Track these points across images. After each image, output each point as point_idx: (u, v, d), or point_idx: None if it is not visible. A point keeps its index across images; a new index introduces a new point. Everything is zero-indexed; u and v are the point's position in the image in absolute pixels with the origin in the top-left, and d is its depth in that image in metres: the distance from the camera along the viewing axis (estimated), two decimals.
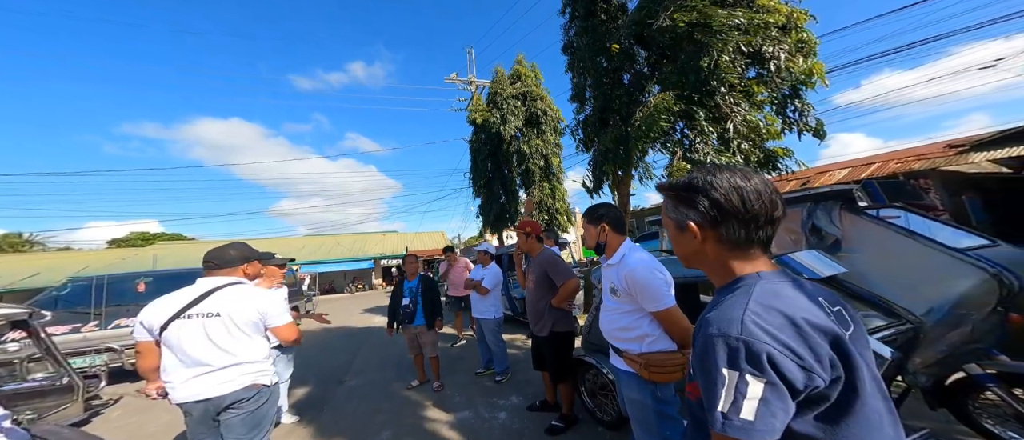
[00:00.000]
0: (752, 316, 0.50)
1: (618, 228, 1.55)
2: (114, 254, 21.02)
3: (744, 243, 0.59)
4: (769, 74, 3.81)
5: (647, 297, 1.35)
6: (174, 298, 1.53)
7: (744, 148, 3.78)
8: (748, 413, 0.47)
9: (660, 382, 1.35)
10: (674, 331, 1.37)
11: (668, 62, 4.30)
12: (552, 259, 2.45)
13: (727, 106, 3.78)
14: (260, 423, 1.57)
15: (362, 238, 26.24)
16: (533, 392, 3.13)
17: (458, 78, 13.13)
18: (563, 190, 10.38)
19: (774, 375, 0.47)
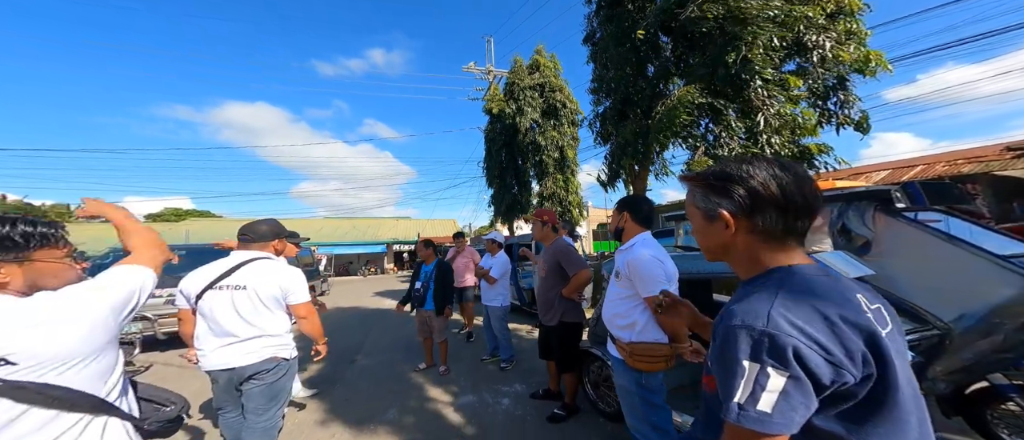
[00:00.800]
0: (780, 309, 0.48)
1: (637, 218, 1.57)
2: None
3: (780, 234, 0.56)
4: (812, 64, 3.57)
5: (642, 281, 1.39)
6: (210, 269, 1.61)
7: (775, 143, 3.60)
8: (766, 405, 0.45)
9: (643, 370, 1.40)
10: (665, 321, 1.39)
11: (696, 54, 4.11)
12: (565, 249, 2.44)
13: (759, 100, 3.59)
14: (277, 395, 1.64)
15: (376, 223, 26.90)
16: (537, 381, 3.17)
17: (476, 67, 13.00)
18: (577, 183, 10.25)
19: (799, 369, 0.45)
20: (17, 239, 0.75)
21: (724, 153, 3.69)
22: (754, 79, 3.50)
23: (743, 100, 3.68)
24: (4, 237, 0.73)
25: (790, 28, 3.41)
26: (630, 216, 1.57)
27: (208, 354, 1.56)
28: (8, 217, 0.76)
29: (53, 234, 0.81)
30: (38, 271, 0.77)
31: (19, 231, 0.75)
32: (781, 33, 3.43)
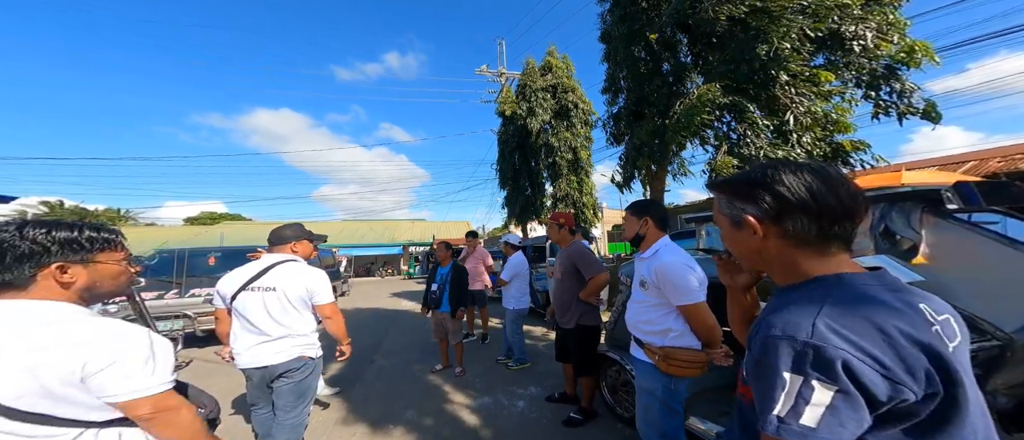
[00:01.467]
0: (827, 320, 0.46)
1: (660, 224, 1.54)
2: (189, 231, 23.96)
3: (816, 240, 0.54)
4: (851, 56, 3.37)
5: (674, 291, 1.36)
6: (243, 271, 1.71)
7: (806, 141, 3.42)
8: (810, 419, 0.43)
9: (675, 376, 1.38)
10: (700, 328, 1.38)
11: (715, 51, 3.97)
12: (582, 251, 2.42)
13: (786, 96, 3.42)
14: (304, 393, 1.72)
15: (393, 225, 27.54)
16: (552, 384, 3.14)
17: (488, 70, 13.11)
18: (591, 184, 10.13)
19: (849, 383, 0.42)
20: (83, 242, 0.82)
21: (750, 152, 3.54)
22: (780, 75, 3.34)
23: (769, 97, 3.52)
24: (72, 240, 0.80)
25: (823, 19, 3.23)
26: (652, 222, 1.53)
27: (242, 352, 1.64)
28: (75, 223, 0.84)
29: (113, 239, 0.88)
30: (99, 273, 0.84)
31: (85, 236, 0.82)
32: (814, 25, 3.25)
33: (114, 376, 0.76)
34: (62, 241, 0.79)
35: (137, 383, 0.77)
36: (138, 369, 0.78)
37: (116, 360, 0.76)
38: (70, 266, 0.80)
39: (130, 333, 0.81)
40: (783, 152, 3.40)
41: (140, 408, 0.79)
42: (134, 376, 0.77)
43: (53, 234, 0.78)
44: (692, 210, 17.24)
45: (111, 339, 0.77)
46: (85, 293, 0.83)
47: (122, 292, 0.95)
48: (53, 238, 0.78)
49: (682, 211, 18.16)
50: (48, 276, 0.77)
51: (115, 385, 0.76)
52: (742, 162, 3.63)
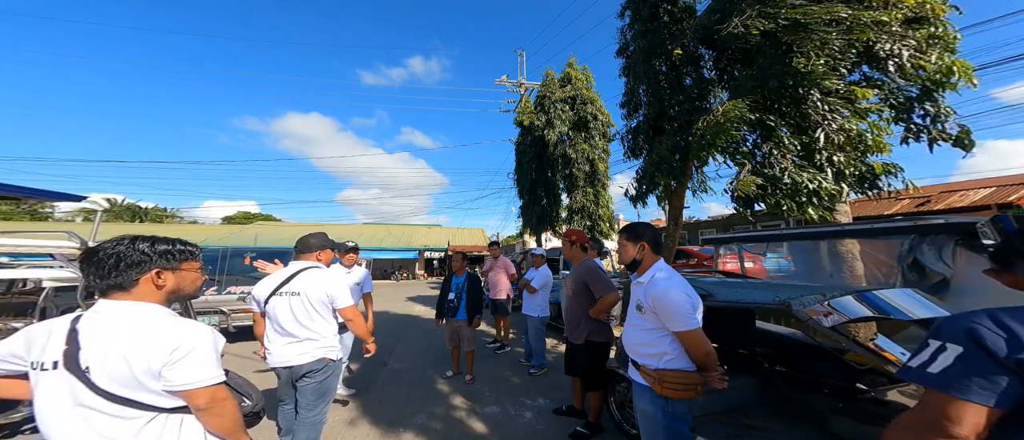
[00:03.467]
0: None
1: (656, 249, 1.56)
2: (225, 229, 25.72)
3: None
4: (887, 76, 3.21)
5: (671, 317, 1.37)
6: (275, 277, 1.87)
7: (837, 161, 3.25)
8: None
9: (672, 398, 1.38)
10: (695, 354, 1.37)
11: (743, 66, 3.89)
12: (593, 270, 2.44)
13: (818, 114, 3.27)
14: (325, 393, 1.85)
15: (409, 230, 28.26)
16: (560, 396, 3.12)
17: (508, 80, 13.37)
18: (607, 196, 10.02)
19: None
20: (175, 254, 0.99)
21: (774, 173, 3.40)
22: (812, 91, 3.21)
23: (799, 114, 3.38)
24: (168, 252, 0.97)
25: (861, 33, 3.11)
26: (649, 247, 1.54)
27: (273, 352, 1.81)
28: (170, 238, 1.02)
29: (194, 251, 1.05)
30: (182, 279, 1.01)
31: (176, 248, 0.99)
32: (853, 38, 3.13)
33: (183, 367, 0.88)
34: (160, 252, 0.96)
35: (200, 374, 0.89)
36: (202, 362, 0.90)
37: (187, 354, 0.88)
38: (164, 272, 0.96)
39: (198, 330, 0.94)
40: (808, 174, 3.24)
41: (199, 397, 0.90)
42: (198, 368, 0.89)
43: (155, 247, 0.96)
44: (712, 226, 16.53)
45: (184, 335, 0.91)
46: (170, 295, 0.99)
47: (195, 295, 1.11)
48: (155, 250, 0.95)
49: (703, 226, 17.45)
50: (148, 281, 0.94)
51: (183, 375, 0.88)
52: (766, 182, 3.49)
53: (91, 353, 0.85)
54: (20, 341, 0.92)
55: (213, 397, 0.92)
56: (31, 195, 4.84)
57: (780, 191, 3.38)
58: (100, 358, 0.84)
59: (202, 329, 0.96)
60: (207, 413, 0.92)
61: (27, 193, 4.68)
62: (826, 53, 3.16)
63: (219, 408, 0.93)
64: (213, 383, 0.91)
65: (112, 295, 0.91)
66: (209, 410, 0.92)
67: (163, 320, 0.93)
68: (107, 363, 0.84)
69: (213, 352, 0.94)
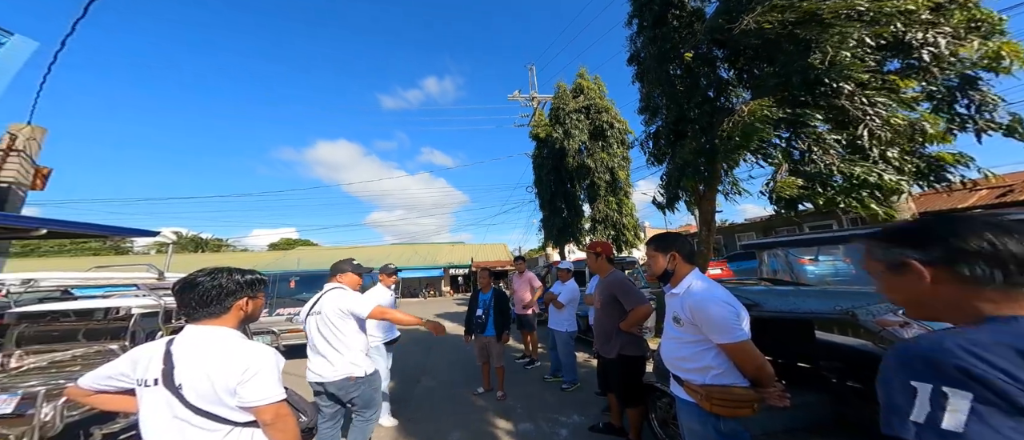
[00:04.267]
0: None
1: (688, 258, 1.49)
2: (271, 255, 27.93)
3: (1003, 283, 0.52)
4: (921, 64, 3.01)
5: (713, 329, 1.29)
6: (313, 299, 2.09)
7: (891, 156, 3.02)
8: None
9: (723, 415, 1.27)
10: (747, 367, 1.27)
11: (764, 63, 3.79)
12: (621, 281, 2.40)
13: (856, 107, 3.09)
14: (368, 403, 2.00)
15: (434, 248, 28.97)
16: (595, 412, 3.01)
17: (520, 95, 13.65)
18: (631, 204, 9.80)
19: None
20: (255, 284, 1.14)
21: (819, 170, 3.20)
22: (842, 85, 3.05)
23: (834, 109, 3.21)
24: (252, 282, 1.13)
25: (885, 25, 2.95)
26: (680, 257, 1.48)
27: (309, 367, 1.99)
28: (248, 270, 1.16)
29: (265, 280, 1.20)
30: (256, 306, 1.15)
31: (257, 278, 1.16)
32: (875, 31, 2.97)
33: (253, 385, 0.98)
34: (248, 282, 1.11)
35: (267, 392, 0.99)
36: (268, 381, 1.00)
37: (256, 373, 0.99)
38: (250, 300, 1.11)
39: (265, 352, 1.05)
40: (861, 169, 3.01)
41: (266, 413, 0.99)
42: (265, 387, 0.99)
43: (244, 278, 1.11)
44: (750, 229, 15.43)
45: (254, 356, 1.01)
46: (246, 321, 1.13)
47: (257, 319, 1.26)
48: (244, 281, 1.11)
49: (739, 230, 16.35)
50: (237, 308, 1.08)
51: (252, 393, 0.97)
52: (809, 181, 3.30)
53: (183, 372, 0.98)
54: (127, 362, 1.09)
55: (277, 413, 1.00)
56: (115, 233, 5.59)
57: (832, 188, 3.17)
58: (190, 376, 0.97)
59: (268, 351, 1.05)
60: (272, 428, 1.00)
61: (112, 231, 5.40)
62: (849, 47, 3.02)
63: (282, 423, 1.01)
64: (277, 400, 1.00)
65: (202, 321, 1.05)
66: (273, 425, 1.00)
67: (238, 343, 1.04)
68: (195, 381, 0.97)
69: (276, 371, 1.04)
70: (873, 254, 0.65)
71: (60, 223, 4.64)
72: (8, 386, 2.32)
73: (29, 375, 2.64)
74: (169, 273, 3.60)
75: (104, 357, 2.81)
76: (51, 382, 2.34)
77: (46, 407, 2.10)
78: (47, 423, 2.09)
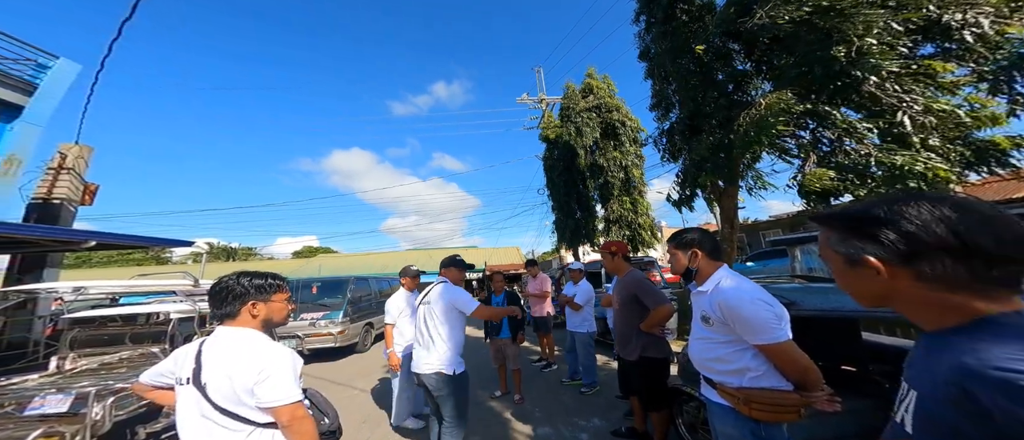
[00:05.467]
0: None
1: (713, 254, 1.41)
2: (295, 263, 29.23)
3: (972, 281, 0.46)
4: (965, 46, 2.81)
5: (748, 329, 1.20)
6: (424, 291, 2.14)
7: (935, 144, 2.83)
8: None
9: (764, 421, 1.18)
10: (789, 369, 1.18)
11: (784, 54, 3.64)
12: (640, 281, 2.34)
13: (889, 95, 2.92)
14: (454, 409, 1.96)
15: (448, 253, 29.28)
16: (617, 416, 2.94)
17: (529, 97, 13.64)
18: (646, 204, 9.60)
19: None
20: (266, 287, 1.13)
21: (853, 161, 3.04)
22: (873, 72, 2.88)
23: (865, 97, 3.04)
24: (262, 285, 1.12)
25: (914, 9, 2.78)
26: (703, 253, 1.40)
27: (414, 358, 2.06)
28: (263, 273, 1.16)
29: (281, 284, 1.18)
30: (272, 309, 1.14)
31: (267, 282, 1.14)
32: (904, 16, 2.81)
33: (267, 386, 0.99)
34: (255, 286, 1.12)
35: (281, 393, 1.00)
36: (282, 383, 1.00)
37: (271, 375, 1.00)
38: (258, 304, 1.11)
39: (280, 354, 1.06)
40: (903, 158, 2.82)
41: (281, 414, 1.00)
42: (279, 388, 1.00)
43: (252, 281, 1.11)
44: (775, 226, 14.74)
45: (269, 358, 1.03)
46: (266, 323, 1.14)
47: (285, 322, 1.24)
48: (252, 284, 1.11)
49: (764, 227, 15.64)
50: (247, 310, 1.10)
51: (270, 393, 0.99)
52: (841, 173, 3.13)
53: (208, 372, 1.02)
54: (172, 360, 1.16)
55: (293, 414, 1.01)
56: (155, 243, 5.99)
57: (871, 180, 3.00)
58: (213, 376, 1.01)
59: (284, 353, 1.07)
60: (288, 429, 1.01)
61: (152, 242, 5.80)
62: (874, 34, 2.86)
63: (298, 425, 1.02)
64: (291, 401, 1.01)
65: (226, 322, 1.10)
66: (289, 427, 1.01)
67: (256, 344, 1.05)
68: (217, 381, 1.00)
69: (291, 373, 1.04)
70: (830, 243, 0.58)
71: (107, 235, 5.03)
72: (63, 386, 2.52)
73: (82, 376, 2.85)
74: (203, 280, 3.80)
75: (147, 359, 3.00)
76: (101, 383, 2.51)
77: (96, 407, 2.26)
78: (97, 422, 2.24)
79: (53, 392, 2.36)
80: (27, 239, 4.53)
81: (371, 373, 5.06)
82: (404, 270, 3.34)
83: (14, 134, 5.49)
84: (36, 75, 5.83)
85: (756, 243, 15.37)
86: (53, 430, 2.15)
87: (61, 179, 6.42)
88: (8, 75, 5.46)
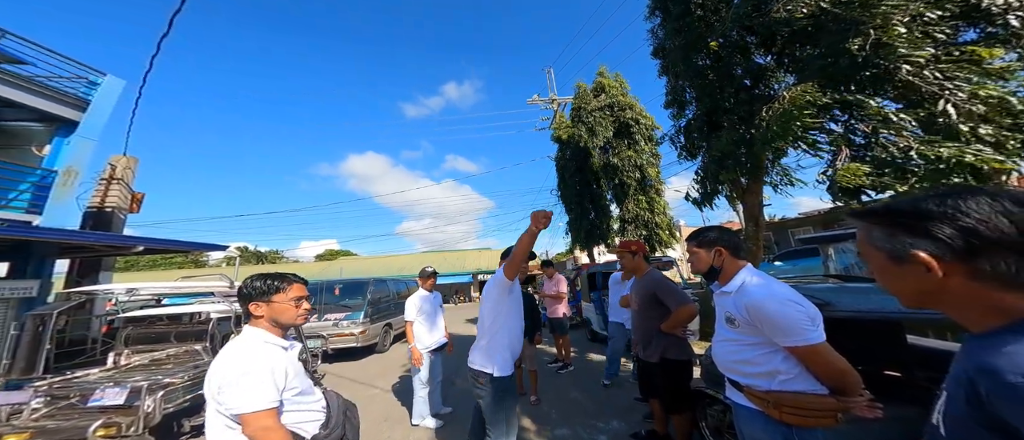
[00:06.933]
0: None
1: (736, 253, 1.37)
2: (318, 265, 30.46)
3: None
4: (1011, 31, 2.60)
5: (777, 331, 1.16)
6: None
7: (987, 134, 2.64)
8: None
9: (797, 425, 1.13)
10: (826, 374, 1.13)
11: (806, 46, 3.48)
12: (661, 280, 2.31)
13: (928, 83, 2.74)
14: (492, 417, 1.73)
15: (462, 255, 29.63)
16: (636, 419, 2.89)
17: (540, 98, 13.54)
18: (663, 203, 9.37)
19: None
20: (264, 288, 1.13)
21: (890, 155, 2.86)
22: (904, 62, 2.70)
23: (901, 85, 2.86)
24: (262, 287, 1.12)
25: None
26: (727, 252, 1.35)
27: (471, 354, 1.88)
28: (266, 274, 1.16)
29: (281, 286, 1.14)
30: (275, 309, 1.13)
31: (265, 283, 1.14)
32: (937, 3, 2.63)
33: (230, 393, 0.97)
34: (255, 288, 1.13)
35: (243, 401, 0.96)
36: (244, 391, 0.96)
37: (235, 381, 0.97)
38: (260, 304, 1.11)
39: (254, 360, 1.01)
40: (949, 150, 2.63)
41: (244, 424, 0.97)
42: (240, 396, 0.96)
43: (254, 283, 1.14)
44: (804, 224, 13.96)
45: (242, 364, 1.00)
46: (273, 323, 1.13)
47: (298, 323, 1.22)
48: (253, 286, 1.13)
49: (792, 225, 14.85)
50: (252, 311, 1.12)
51: (231, 400, 0.97)
52: (878, 167, 2.95)
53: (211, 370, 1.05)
54: None
55: (254, 424, 0.96)
56: (194, 248, 6.42)
57: (912, 174, 2.81)
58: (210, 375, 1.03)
59: (259, 360, 1.02)
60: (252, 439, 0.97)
61: (192, 246, 6.21)
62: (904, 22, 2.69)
63: (262, 435, 0.96)
64: (251, 410, 0.96)
65: (247, 321, 1.15)
66: (253, 436, 0.96)
67: (240, 347, 1.04)
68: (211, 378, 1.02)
69: (259, 382, 0.98)
70: (871, 239, 0.56)
71: (153, 240, 5.46)
72: (120, 380, 2.76)
73: (134, 371, 3.10)
74: (238, 282, 4.05)
75: (191, 356, 3.24)
76: (152, 378, 2.74)
77: (148, 400, 2.46)
78: (149, 414, 2.44)
79: (111, 385, 2.59)
80: (84, 244, 4.99)
81: (391, 372, 5.21)
82: (422, 271, 3.40)
83: (71, 148, 6.01)
84: (88, 92, 6.37)
85: (784, 241, 14.64)
86: (111, 421, 2.36)
87: (112, 189, 7.00)
88: (65, 93, 6.00)
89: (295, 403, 1.10)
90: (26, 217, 5.20)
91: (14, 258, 5.14)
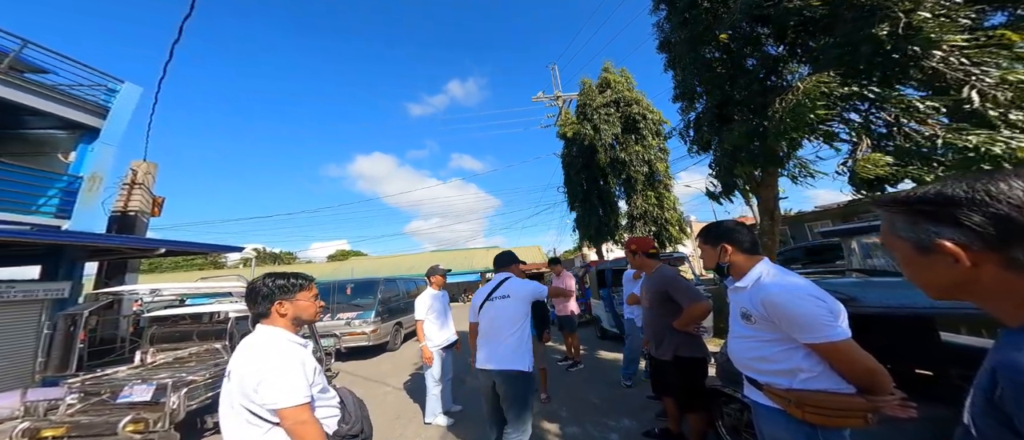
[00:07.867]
0: None
1: (744, 249, 1.33)
2: (330, 266, 31.19)
3: None
4: None
5: (796, 327, 1.11)
6: (490, 288, 2.02)
7: (1017, 119, 2.51)
8: None
9: (821, 425, 1.09)
10: (852, 372, 1.08)
11: (822, 35, 3.35)
12: (672, 277, 2.27)
13: (955, 69, 2.62)
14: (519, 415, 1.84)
15: (470, 253, 29.82)
16: (647, 417, 2.87)
17: (545, 95, 13.43)
18: (672, 198, 9.22)
19: None
20: (289, 286, 1.16)
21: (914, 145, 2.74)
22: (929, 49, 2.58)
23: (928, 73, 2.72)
24: (284, 285, 1.15)
25: None
26: (735, 248, 1.32)
27: (478, 356, 1.96)
28: (286, 273, 1.19)
29: (304, 283, 1.20)
30: (298, 307, 1.17)
31: (290, 282, 1.17)
32: None
33: (266, 388, 1.00)
34: (279, 286, 1.15)
35: (278, 396, 1.00)
36: (281, 386, 1.01)
37: (268, 377, 1.01)
38: (285, 302, 1.14)
39: (288, 356, 1.06)
40: (978, 138, 2.50)
41: (282, 416, 1.01)
42: (277, 391, 1.00)
43: (276, 282, 1.16)
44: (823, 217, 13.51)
45: (273, 360, 1.04)
46: (294, 321, 1.17)
47: (315, 320, 1.30)
48: (276, 284, 1.15)
49: (810, 219, 14.39)
50: (276, 310, 1.14)
51: (268, 395, 1.00)
52: (901, 158, 2.83)
53: (233, 367, 1.09)
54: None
55: (293, 418, 1.01)
56: (213, 249, 6.63)
57: (940, 164, 2.69)
58: (235, 372, 1.07)
59: (291, 355, 1.06)
60: (290, 432, 1.02)
61: (210, 248, 6.42)
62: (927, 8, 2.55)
63: (300, 429, 1.01)
64: (290, 405, 1.00)
65: (261, 321, 1.16)
66: (292, 430, 1.01)
67: (268, 345, 1.07)
68: (236, 376, 1.06)
69: (294, 377, 1.03)
70: (895, 229, 0.53)
71: (174, 243, 5.65)
72: (147, 377, 2.88)
73: (160, 369, 3.24)
74: None
75: (211, 355, 3.37)
76: (176, 375, 2.85)
77: (174, 397, 2.56)
78: (174, 410, 2.54)
79: (139, 382, 2.71)
80: (111, 247, 5.20)
81: (403, 370, 5.29)
82: (432, 269, 3.41)
83: (94, 154, 6.25)
84: (107, 99, 6.60)
85: (801, 236, 14.22)
86: (139, 417, 2.47)
87: (134, 193, 7.27)
88: (86, 101, 6.23)
89: (318, 399, 1.15)
90: (55, 222, 5.43)
91: (46, 261, 5.38)
